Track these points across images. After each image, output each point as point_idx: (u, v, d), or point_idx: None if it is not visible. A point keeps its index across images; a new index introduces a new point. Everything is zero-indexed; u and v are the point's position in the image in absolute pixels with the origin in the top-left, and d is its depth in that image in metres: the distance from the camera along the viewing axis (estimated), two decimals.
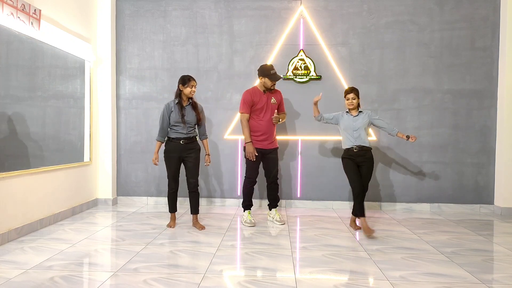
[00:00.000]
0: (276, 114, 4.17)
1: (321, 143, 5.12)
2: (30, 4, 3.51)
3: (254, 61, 5.08)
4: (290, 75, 5.05)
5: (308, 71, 5.04)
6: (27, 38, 3.64)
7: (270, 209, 4.34)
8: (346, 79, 5.06)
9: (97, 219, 4.34)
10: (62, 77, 4.29)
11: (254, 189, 4.28)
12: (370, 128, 4.48)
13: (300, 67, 5.05)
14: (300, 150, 5.14)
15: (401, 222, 4.37)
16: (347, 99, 3.90)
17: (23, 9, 3.41)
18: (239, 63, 5.16)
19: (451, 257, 3.10)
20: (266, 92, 4.18)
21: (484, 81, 4.98)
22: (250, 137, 4.10)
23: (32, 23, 3.55)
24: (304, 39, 5.09)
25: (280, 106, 4.33)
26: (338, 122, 4.01)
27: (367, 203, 4.44)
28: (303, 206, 5.13)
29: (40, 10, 3.67)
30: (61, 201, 4.29)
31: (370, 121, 3.95)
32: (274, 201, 4.30)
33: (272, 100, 4.20)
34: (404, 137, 3.96)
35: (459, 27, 4.99)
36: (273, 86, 4.16)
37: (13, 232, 3.47)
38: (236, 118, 5.08)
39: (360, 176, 3.84)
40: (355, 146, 3.85)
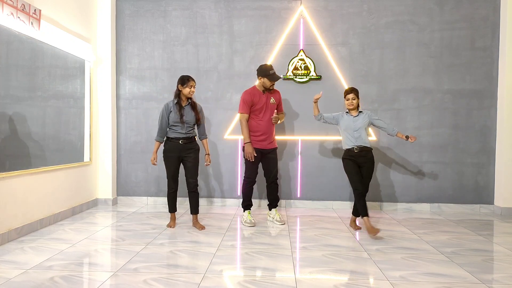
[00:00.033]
0: (275, 114, 4.18)
1: (321, 143, 5.12)
2: (30, 4, 3.51)
3: (254, 61, 5.08)
4: (290, 75, 5.05)
5: (308, 71, 5.04)
6: (27, 38, 3.64)
7: (270, 209, 4.34)
8: (346, 79, 5.06)
9: (97, 219, 4.35)
10: (62, 77, 4.29)
11: (253, 189, 4.29)
12: (370, 128, 4.48)
13: (300, 67, 5.05)
14: (300, 150, 5.14)
15: (401, 222, 4.37)
16: (347, 99, 3.89)
17: (23, 9, 3.42)
18: (239, 63, 5.16)
19: (451, 257, 3.10)
20: (266, 92, 4.17)
21: (484, 81, 4.98)
22: (249, 137, 4.10)
23: (32, 23, 3.55)
24: (304, 39, 5.09)
25: (279, 106, 4.32)
26: (338, 123, 3.99)
27: (367, 203, 4.42)
28: (303, 206, 5.13)
29: (40, 10, 3.67)
30: (61, 201, 4.29)
31: (370, 121, 3.94)
32: (274, 201, 4.30)
33: (272, 100, 4.19)
34: (403, 137, 3.96)
35: (459, 27, 4.99)
36: (272, 86, 4.16)
37: (13, 232, 3.47)
38: (236, 118, 5.07)
39: (361, 176, 3.83)
40: (356, 147, 3.84)
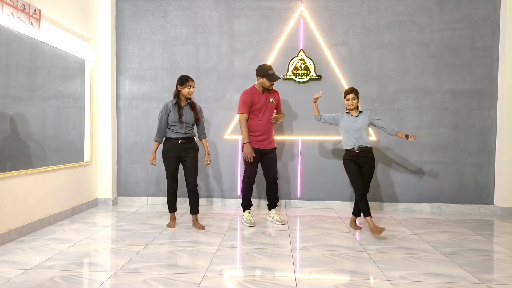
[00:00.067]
0: (275, 114, 4.17)
1: (321, 143, 5.12)
2: (30, 4, 3.51)
3: (254, 61, 5.07)
4: (290, 75, 5.05)
5: (308, 71, 5.04)
6: (27, 38, 3.64)
7: (270, 209, 4.33)
8: (346, 79, 5.06)
9: (97, 219, 4.35)
10: (62, 77, 4.29)
11: (253, 189, 4.28)
12: (370, 128, 4.48)
13: (300, 67, 5.05)
14: (300, 150, 5.14)
15: (401, 222, 4.37)
16: (347, 100, 3.88)
17: (23, 9, 3.41)
18: (239, 63, 5.16)
19: (451, 257, 3.10)
20: (265, 92, 4.17)
21: (484, 81, 4.98)
22: (248, 137, 4.09)
23: (32, 23, 3.55)
24: (304, 39, 5.09)
25: (278, 106, 4.32)
26: (338, 123, 3.97)
27: None
28: (303, 206, 5.13)
29: (40, 10, 3.67)
30: (61, 201, 4.29)
31: (370, 121, 3.94)
32: (274, 201, 4.30)
33: (271, 100, 4.19)
34: (403, 136, 3.96)
35: (459, 27, 4.99)
36: (271, 86, 4.15)
37: (13, 232, 3.47)
38: (236, 118, 5.07)
39: (362, 177, 3.82)
40: (357, 147, 3.82)
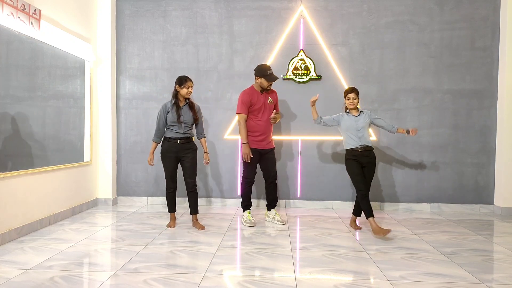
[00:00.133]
0: (274, 114, 4.17)
1: (321, 143, 5.12)
2: (30, 4, 3.51)
3: (254, 61, 5.07)
4: (290, 75, 5.05)
5: (308, 71, 5.04)
6: (27, 38, 3.64)
7: (269, 210, 4.33)
8: (346, 79, 5.06)
9: (97, 219, 4.35)
10: (62, 77, 4.29)
11: (252, 189, 4.28)
12: (370, 128, 4.47)
13: (300, 67, 5.05)
14: (300, 150, 5.14)
15: (401, 222, 4.37)
16: (348, 99, 3.87)
17: (23, 9, 3.41)
18: (239, 63, 5.16)
19: (451, 257, 3.10)
20: (263, 92, 4.17)
21: (484, 81, 4.98)
22: (246, 138, 4.08)
23: (32, 23, 3.55)
24: (304, 39, 5.09)
25: (276, 106, 4.32)
26: (339, 123, 3.95)
27: None
28: (303, 206, 5.13)
29: (40, 10, 3.67)
30: (61, 201, 4.29)
31: (371, 120, 3.94)
32: (273, 202, 4.30)
33: (269, 100, 4.19)
34: (404, 132, 3.96)
35: (459, 27, 4.99)
36: (270, 86, 4.15)
37: (13, 232, 3.47)
38: (237, 118, 5.06)
39: (364, 177, 3.81)
40: (360, 146, 3.81)
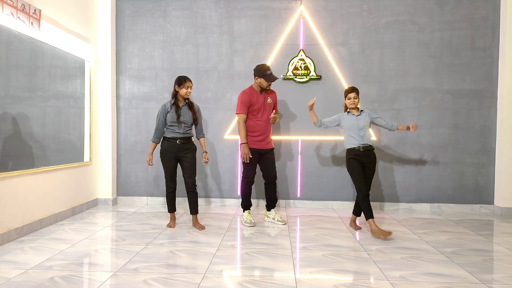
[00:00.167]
0: (273, 114, 4.16)
1: (321, 143, 5.12)
2: (30, 4, 3.51)
3: (254, 61, 5.07)
4: (290, 75, 5.05)
5: (308, 71, 5.04)
6: (27, 38, 3.64)
7: (269, 210, 4.33)
8: (346, 79, 5.06)
9: (97, 219, 4.35)
10: (62, 77, 4.29)
11: (252, 189, 4.28)
12: (370, 127, 4.47)
13: (300, 67, 5.05)
14: (300, 150, 5.14)
15: (401, 222, 4.37)
16: (349, 99, 3.86)
17: (23, 9, 3.41)
18: (239, 63, 5.16)
19: (451, 257, 3.10)
20: (262, 92, 4.17)
21: (484, 81, 4.98)
22: (246, 138, 4.08)
23: (32, 23, 3.55)
24: (304, 39, 5.09)
25: (275, 106, 4.31)
26: (340, 123, 3.94)
27: None
28: (303, 206, 5.13)
29: (40, 10, 3.67)
30: (61, 201, 4.29)
31: (371, 119, 3.94)
32: (273, 202, 4.30)
33: (269, 100, 4.19)
34: (404, 128, 3.96)
35: (459, 27, 4.99)
36: (269, 86, 4.14)
37: (13, 232, 3.47)
38: (236, 118, 5.07)
39: (365, 177, 3.81)
40: (362, 145, 3.80)
